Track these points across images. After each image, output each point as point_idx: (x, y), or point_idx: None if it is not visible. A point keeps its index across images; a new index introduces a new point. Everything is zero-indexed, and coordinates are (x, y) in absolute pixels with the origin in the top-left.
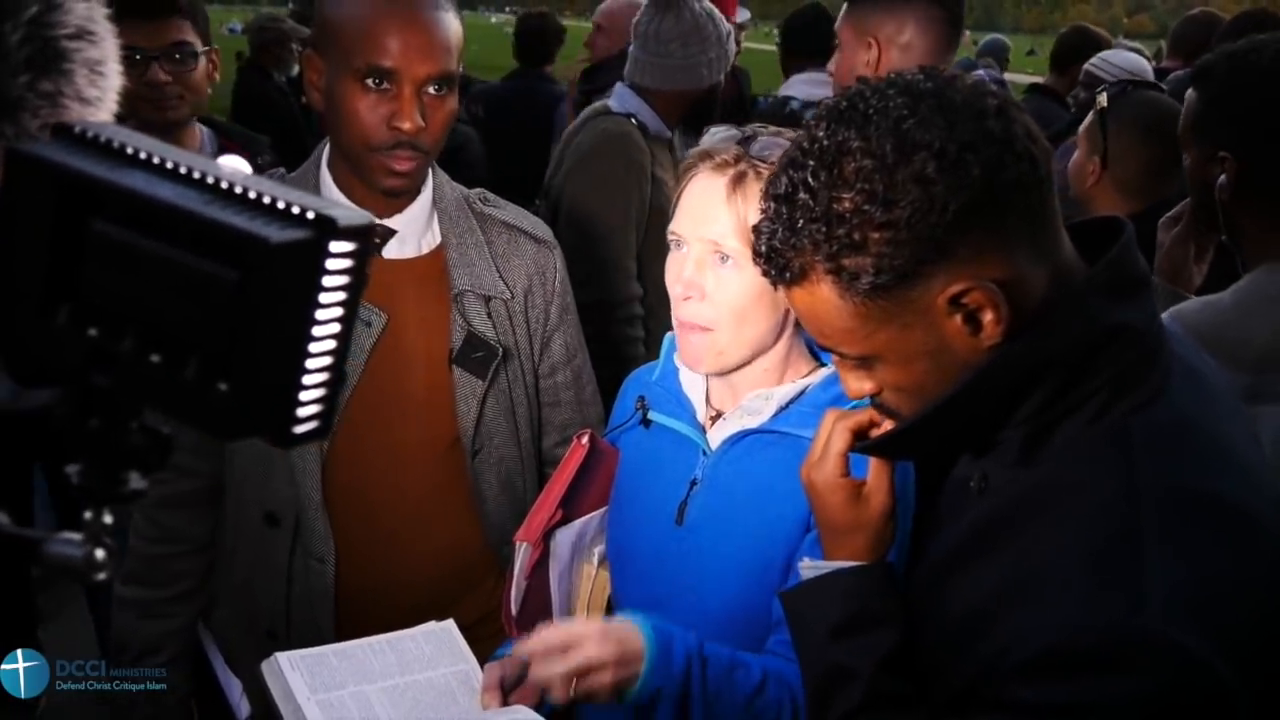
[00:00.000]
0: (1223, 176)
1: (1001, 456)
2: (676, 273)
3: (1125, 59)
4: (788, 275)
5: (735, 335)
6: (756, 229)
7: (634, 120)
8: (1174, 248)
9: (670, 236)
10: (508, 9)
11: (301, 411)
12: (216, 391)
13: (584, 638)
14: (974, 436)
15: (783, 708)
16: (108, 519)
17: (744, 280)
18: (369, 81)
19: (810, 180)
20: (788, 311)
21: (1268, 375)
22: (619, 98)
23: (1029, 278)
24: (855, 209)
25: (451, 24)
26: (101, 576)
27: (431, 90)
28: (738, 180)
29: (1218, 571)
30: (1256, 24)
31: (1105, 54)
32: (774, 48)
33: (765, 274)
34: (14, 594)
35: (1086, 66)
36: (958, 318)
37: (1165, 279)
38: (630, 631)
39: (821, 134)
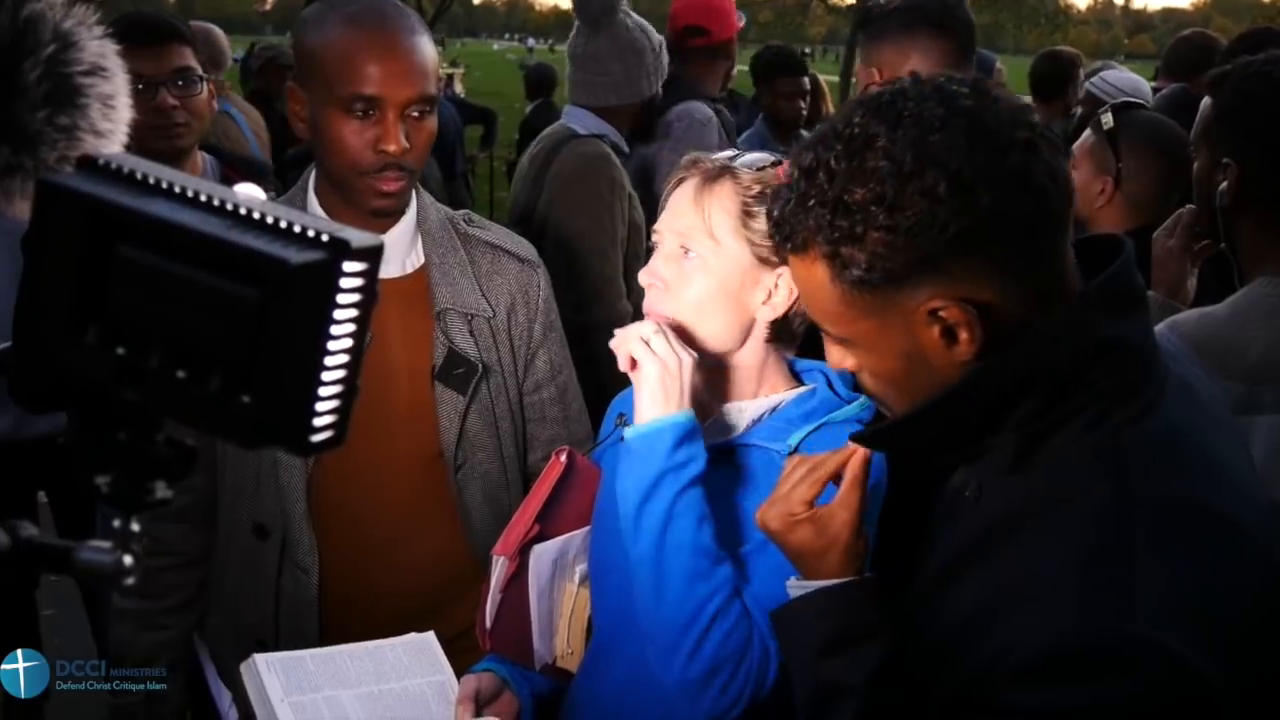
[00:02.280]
0: (1224, 184)
1: (994, 465)
2: (647, 266)
3: (1126, 79)
4: (789, 244)
5: (695, 328)
6: (776, 192)
7: (607, 141)
8: (1170, 262)
9: (653, 237)
10: (512, 37)
11: (318, 421)
12: (239, 404)
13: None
14: (964, 441)
15: (716, 596)
16: (135, 527)
17: (707, 276)
18: (354, 109)
19: (832, 163)
20: (753, 319)
21: (1262, 386)
22: (579, 121)
23: (1012, 309)
24: (862, 205)
25: (428, 48)
26: (130, 581)
27: (414, 113)
28: (711, 179)
29: (1206, 579)
30: (1260, 42)
31: (1106, 74)
32: None
33: (771, 236)
34: (17, 596)
35: (1088, 86)
36: (935, 329)
37: (1163, 292)
38: (688, 396)
39: (856, 120)
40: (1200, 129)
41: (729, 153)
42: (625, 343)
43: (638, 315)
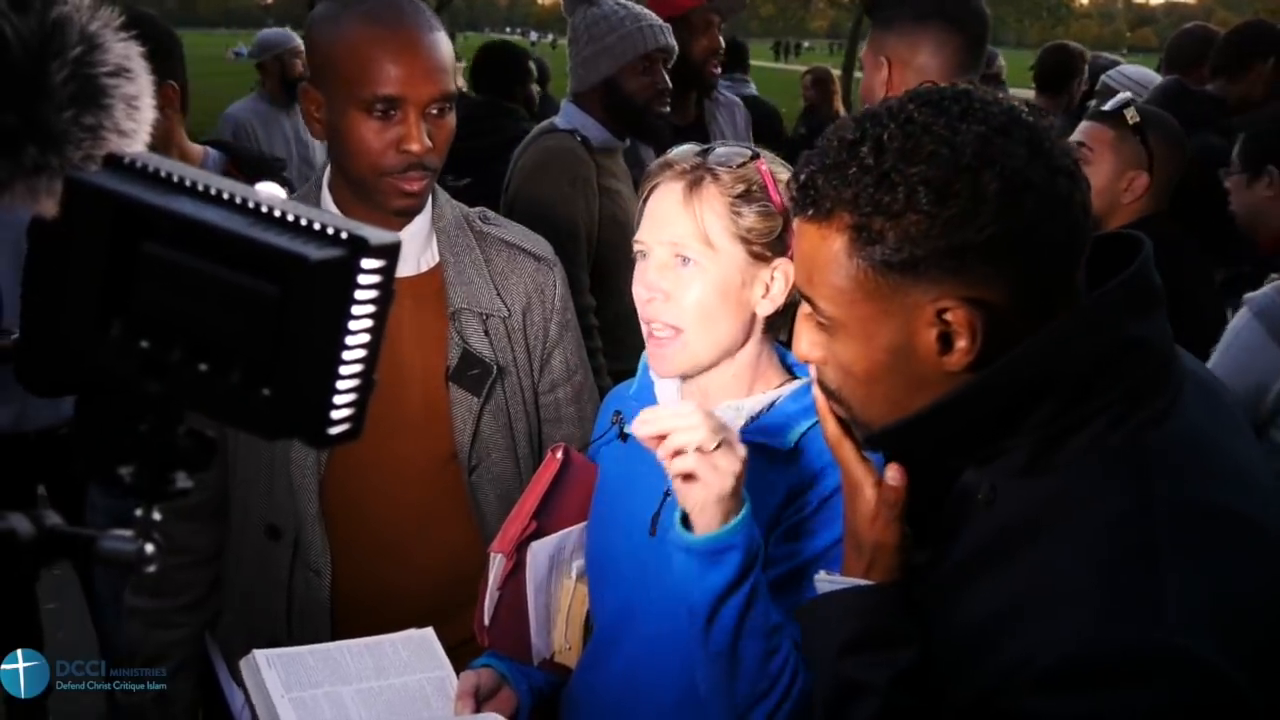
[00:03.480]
0: None
1: (1008, 466)
2: (640, 279)
3: (1140, 72)
4: (812, 210)
5: (702, 334)
6: (806, 156)
7: (578, 135)
8: None
9: (635, 246)
10: (513, 30)
11: (336, 414)
12: (259, 396)
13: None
14: (974, 444)
15: (788, 666)
16: (156, 516)
17: (707, 281)
18: (374, 110)
19: (884, 139)
20: (754, 315)
21: None
22: (564, 115)
23: (1016, 326)
24: (910, 183)
25: (445, 44)
26: (151, 569)
27: (434, 111)
28: (694, 184)
29: (1233, 584)
30: (1256, 35)
31: (1124, 68)
32: (786, 66)
33: (791, 198)
34: (18, 589)
35: (1105, 79)
36: (934, 332)
37: None
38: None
39: (912, 108)
40: None
41: (693, 148)
42: (674, 447)
43: (623, 315)
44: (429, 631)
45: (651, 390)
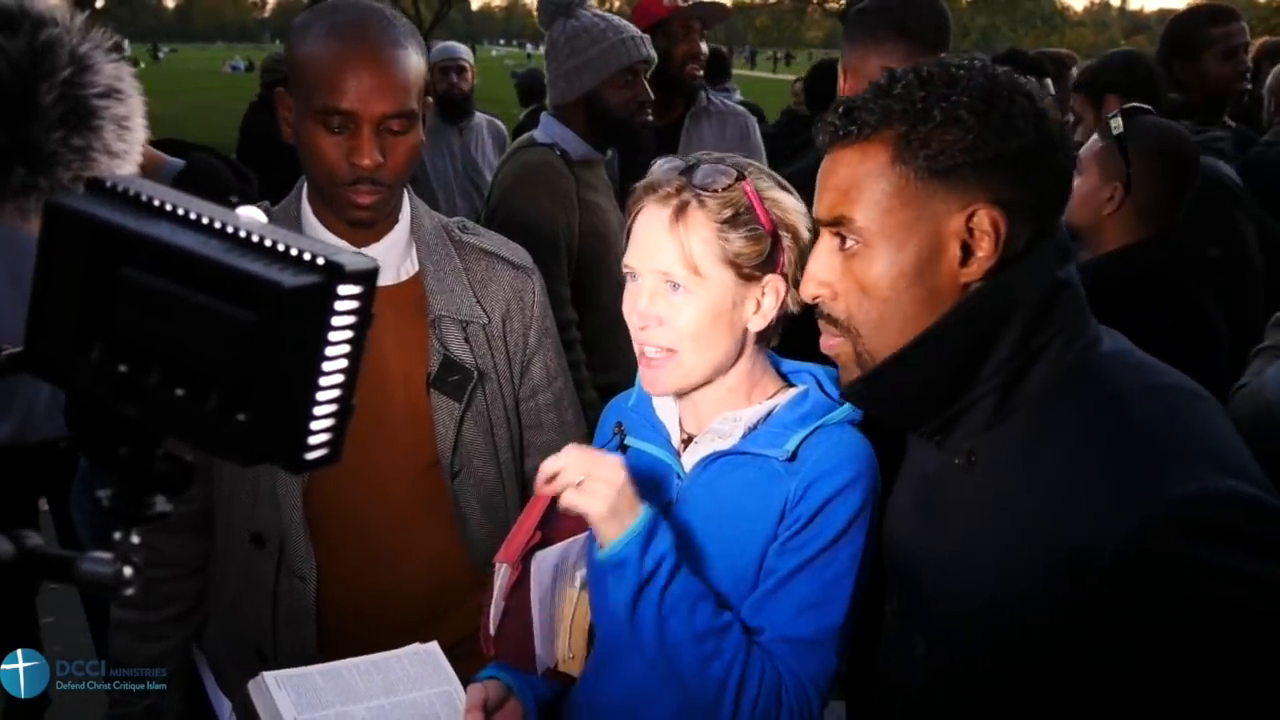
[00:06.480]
0: None
1: (974, 423)
2: (632, 304)
3: None
4: (854, 130)
5: (696, 356)
6: (839, 100)
7: (557, 149)
8: None
9: (624, 269)
10: (509, 42)
11: (313, 439)
12: (235, 422)
13: (609, 458)
14: (946, 391)
15: (733, 668)
16: (135, 539)
17: (698, 305)
18: (330, 122)
19: (924, 72)
20: (746, 330)
21: None
22: (543, 128)
23: (1018, 246)
24: (952, 101)
25: (410, 61)
26: (130, 592)
27: (392, 127)
28: (680, 211)
29: (1219, 434)
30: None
31: None
32: (777, 76)
33: (830, 125)
34: (18, 602)
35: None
36: (958, 243)
37: None
38: (634, 496)
39: (934, 62)
40: None
41: (676, 165)
42: (559, 482)
43: (605, 328)
44: (434, 646)
45: (650, 401)
